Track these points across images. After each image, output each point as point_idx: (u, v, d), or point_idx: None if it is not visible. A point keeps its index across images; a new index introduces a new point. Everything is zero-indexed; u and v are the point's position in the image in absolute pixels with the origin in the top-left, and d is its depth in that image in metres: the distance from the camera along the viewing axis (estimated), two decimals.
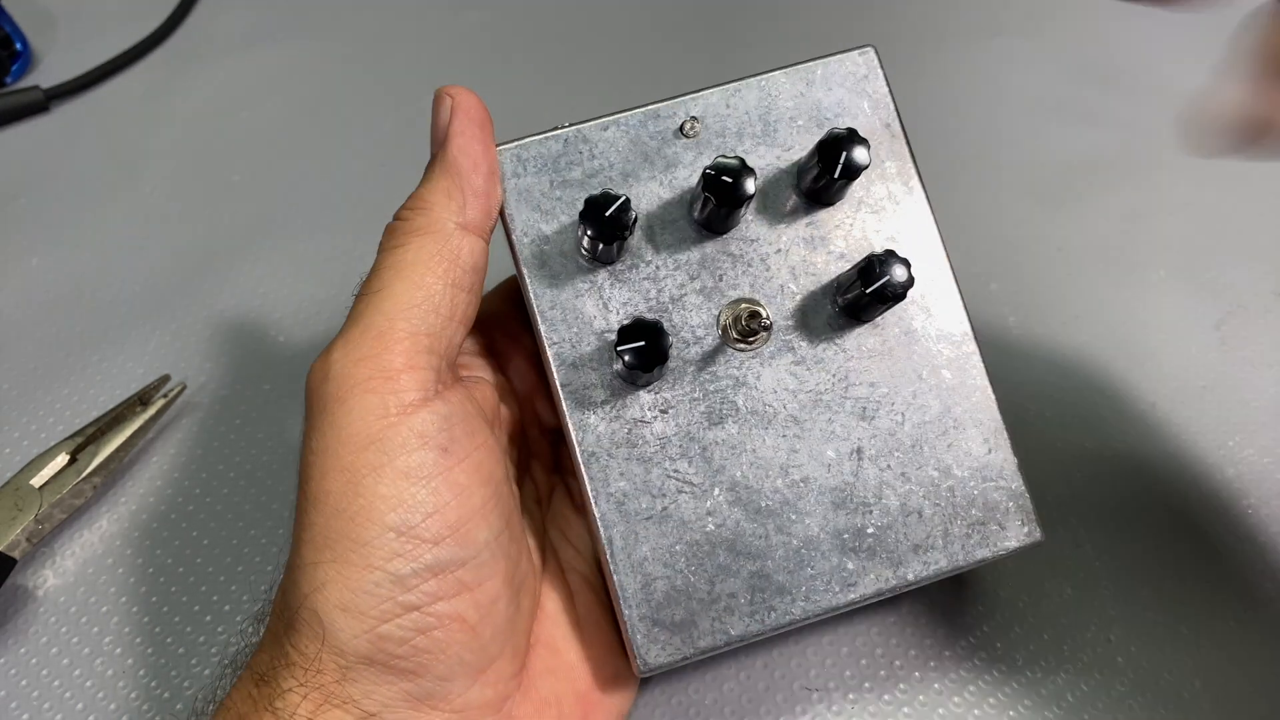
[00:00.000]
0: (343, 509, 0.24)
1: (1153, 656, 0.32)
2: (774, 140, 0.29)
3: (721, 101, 0.30)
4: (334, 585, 0.24)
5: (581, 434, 0.28)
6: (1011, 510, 0.28)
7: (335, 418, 0.24)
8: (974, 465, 0.28)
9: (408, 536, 0.24)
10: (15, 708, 0.33)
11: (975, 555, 0.28)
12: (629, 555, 0.28)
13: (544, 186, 0.29)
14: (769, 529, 0.28)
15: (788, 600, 0.28)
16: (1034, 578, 0.34)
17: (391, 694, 0.24)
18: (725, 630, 0.27)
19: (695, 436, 0.28)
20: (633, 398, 0.28)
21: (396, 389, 0.25)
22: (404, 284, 0.26)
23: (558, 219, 0.29)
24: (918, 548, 0.28)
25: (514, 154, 0.29)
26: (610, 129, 0.29)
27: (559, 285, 0.28)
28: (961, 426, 0.29)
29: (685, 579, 0.28)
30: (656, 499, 0.28)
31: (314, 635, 0.24)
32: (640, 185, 0.29)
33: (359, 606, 0.23)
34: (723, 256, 0.29)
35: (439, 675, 0.24)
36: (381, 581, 0.24)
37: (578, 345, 0.28)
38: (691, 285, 0.29)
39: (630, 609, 0.27)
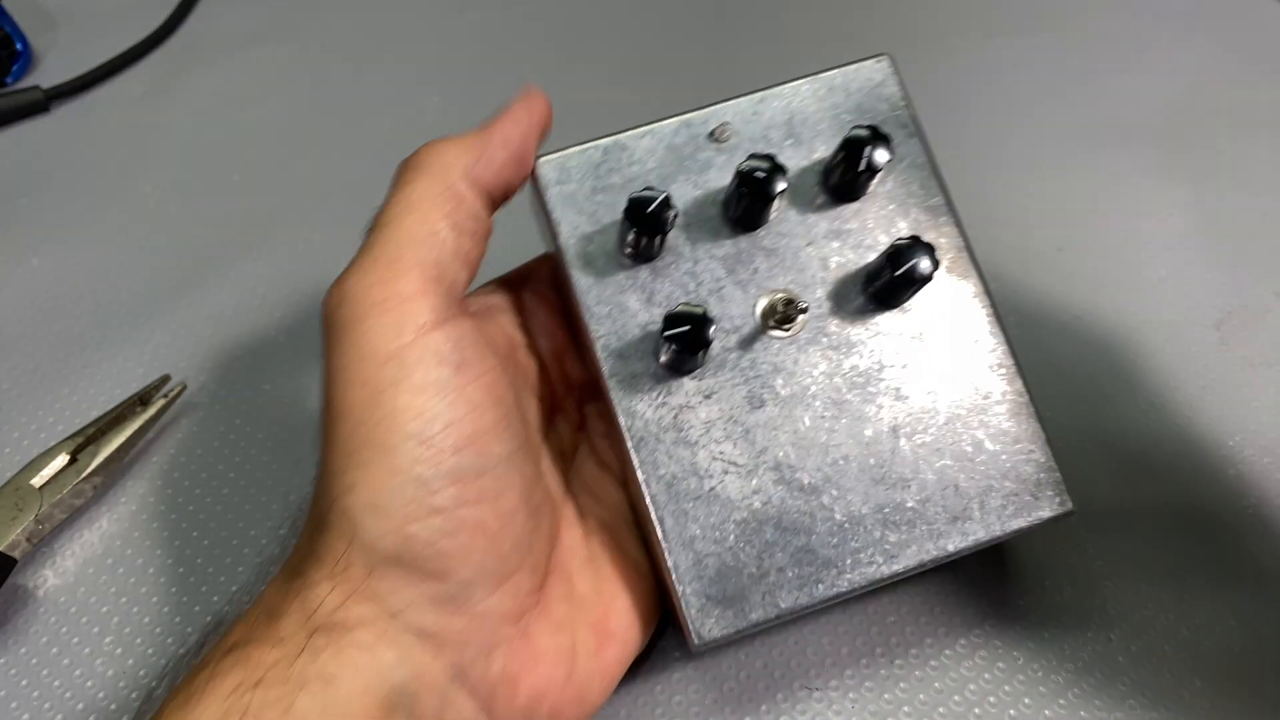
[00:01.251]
0: (365, 419, 0.25)
1: (1153, 656, 0.32)
2: (799, 143, 0.31)
3: (749, 109, 0.32)
4: (362, 487, 0.25)
5: (630, 420, 0.29)
6: (1043, 481, 0.30)
7: (354, 336, 0.26)
8: (1005, 439, 0.30)
9: (428, 444, 0.25)
10: (15, 707, 0.33)
11: (1010, 526, 0.29)
12: (680, 534, 0.29)
13: (586, 192, 0.31)
14: (812, 505, 0.29)
15: (834, 573, 0.29)
16: (1033, 577, 0.34)
17: (415, 594, 0.25)
18: (775, 603, 0.29)
19: (738, 419, 0.30)
20: (677, 385, 0.30)
21: (410, 311, 0.26)
22: (411, 219, 0.27)
23: (600, 221, 0.31)
24: (956, 519, 0.29)
25: (558, 163, 0.31)
26: (646, 137, 0.31)
27: (603, 282, 0.30)
28: (990, 401, 0.30)
29: (735, 555, 0.29)
30: (704, 480, 0.29)
31: (343, 534, 0.25)
32: (676, 188, 0.31)
33: (386, 506, 0.25)
34: (757, 251, 0.31)
35: (461, 579, 0.26)
36: (406, 484, 0.25)
37: (623, 337, 0.30)
38: (729, 278, 0.30)
39: (684, 585, 0.29)
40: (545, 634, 0.28)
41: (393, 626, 0.25)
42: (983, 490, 0.29)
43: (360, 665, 0.24)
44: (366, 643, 0.25)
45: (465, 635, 0.26)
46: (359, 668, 0.24)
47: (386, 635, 0.25)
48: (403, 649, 0.25)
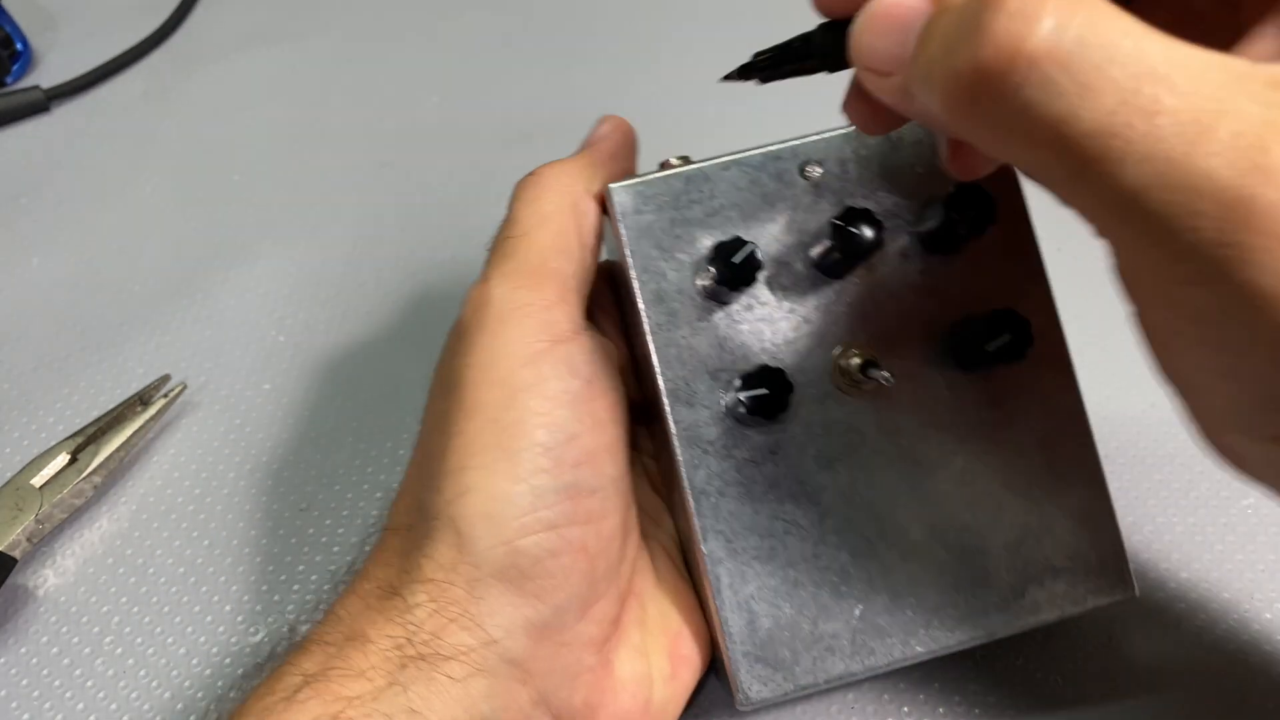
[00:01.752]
0: (498, 419, 0.25)
1: (1153, 656, 0.32)
2: (894, 186, 0.29)
3: (843, 146, 0.30)
4: (479, 492, 0.25)
5: (692, 472, 0.28)
6: (1109, 566, 0.29)
7: (497, 336, 0.26)
8: (1075, 519, 0.29)
9: (551, 454, 0.25)
10: (15, 707, 0.33)
11: (1069, 609, 0.29)
12: (735, 593, 0.28)
13: (664, 224, 0.29)
14: (873, 571, 0.28)
15: (888, 643, 0.28)
16: None
17: (513, 619, 0.25)
18: (826, 670, 0.28)
19: (804, 479, 0.28)
20: (743, 437, 0.28)
21: (551, 319, 0.26)
22: (547, 231, 0.28)
23: (676, 256, 0.29)
24: (1016, 597, 0.28)
25: (637, 191, 0.29)
26: (731, 169, 0.29)
27: (675, 322, 0.29)
28: (1065, 479, 0.29)
29: (789, 618, 0.28)
30: (764, 539, 0.28)
31: (452, 544, 0.25)
32: (759, 226, 0.29)
33: (501, 515, 0.24)
34: (838, 301, 0.29)
35: (556, 604, 0.25)
36: (525, 494, 0.25)
37: (691, 383, 0.28)
38: (805, 329, 0.29)
39: (734, 645, 0.28)
40: (624, 661, 0.28)
41: (489, 656, 0.24)
42: (1047, 569, 0.28)
43: (451, 697, 0.24)
44: (460, 674, 0.24)
45: (552, 663, 0.25)
46: (449, 700, 0.24)
47: (482, 666, 0.24)
48: (495, 679, 0.24)
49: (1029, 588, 0.28)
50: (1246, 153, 0.15)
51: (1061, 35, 0.16)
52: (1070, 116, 0.16)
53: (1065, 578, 0.29)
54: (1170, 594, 0.34)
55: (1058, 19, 0.16)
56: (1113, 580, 0.29)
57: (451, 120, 0.51)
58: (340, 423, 0.40)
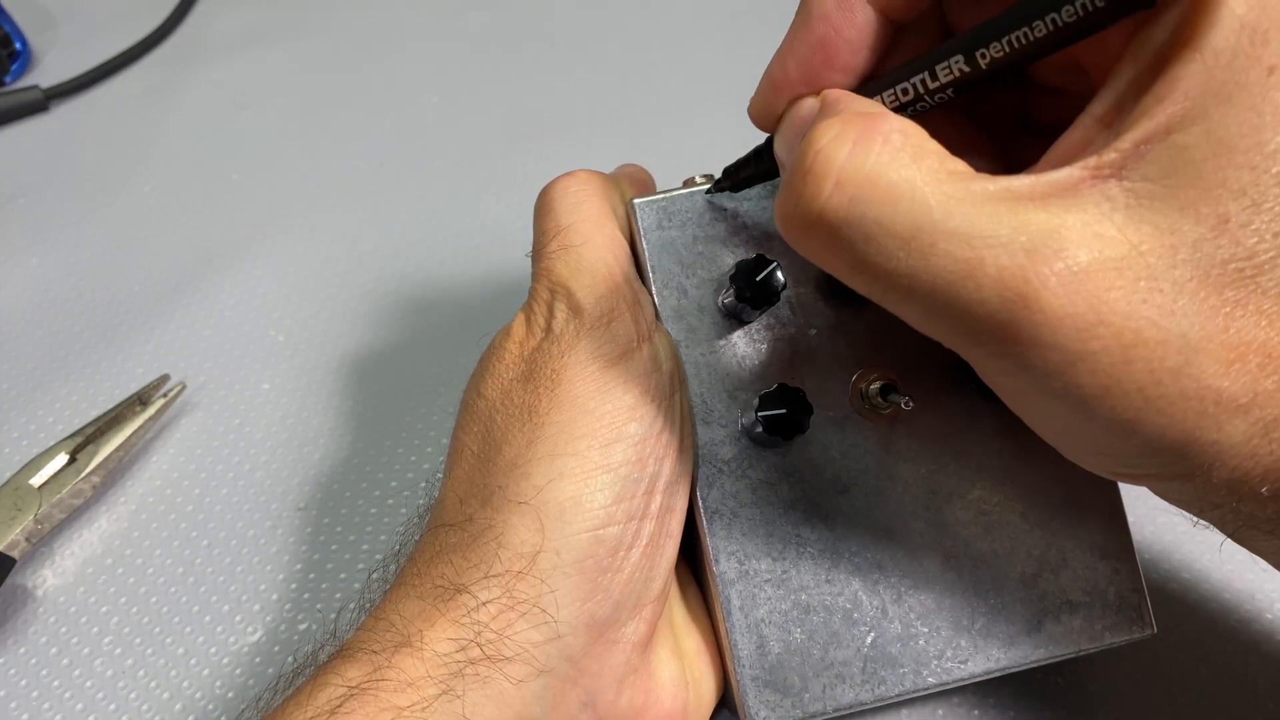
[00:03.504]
0: (592, 410, 0.26)
1: (1152, 658, 0.32)
2: None
3: None
4: (571, 478, 0.25)
5: (707, 491, 0.28)
6: (1128, 603, 0.28)
7: (593, 339, 0.27)
8: (1094, 554, 0.28)
9: (639, 447, 0.26)
10: (15, 708, 0.33)
11: (1085, 645, 0.28)
12: (746, 616, 0.28)
13: (686, 240, 0.29)
14: (886, 600, 0.28)
15: (899, 673, 0.28)
16: None
17: (579, 614, 0.25)
18: (835, 698, 0.27)
19: (819, 503, 0.28)
20: (759, 458, 0.28)
21: (636, 318, 0.27)
22: (603, 237, 0.29)
23: (698, 273, 0.29)
24: (1030, 631, 0.28)
25: (660, 207, 0.29)
26: (758, 185, 0.29)
27: (695, 340, 0.29)
28: (1084, 513, 0.29)
29: (799, 643, 0.28)
30: (777, 562, 0.28)
31: (534, 529, 0.25)
32: (781, 245, 0.29)
33: (590, 503, 0.25)
34: (858, 323, 0.29)
35: (618, 599, 0.25)
36: (613, 483, 0.25)
37: (709, 400, 0.28)
38: (825, 350, 0.29)
39: (743, 669, 0.27)
40: (663, 663, 0.28)
41: (551, 653, 0.24)
42: (1063, 604, 0.28)
43: (504, 700, 0.23)
44: (519, 675, 0.24)
45: (603, 662, 0.25)
46: (501, 703, 0.23)
47: (543, 664, 0.24)
48: (550, 679, 0.24)
49: (1045, 621, 0.28)
50: (1010, 284, 0.18)
51: (842, 198, 0.19)
52: (862, 264, 0.19)
53: (1083, 613, 0.28)
54: (1170, 595, 0.34)
55: (837, 184, 0.19)
56: (1131, 617, 0.28)
57: (451, 120, 0.51)
58: (340, 423, 0.40)
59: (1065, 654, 0.28)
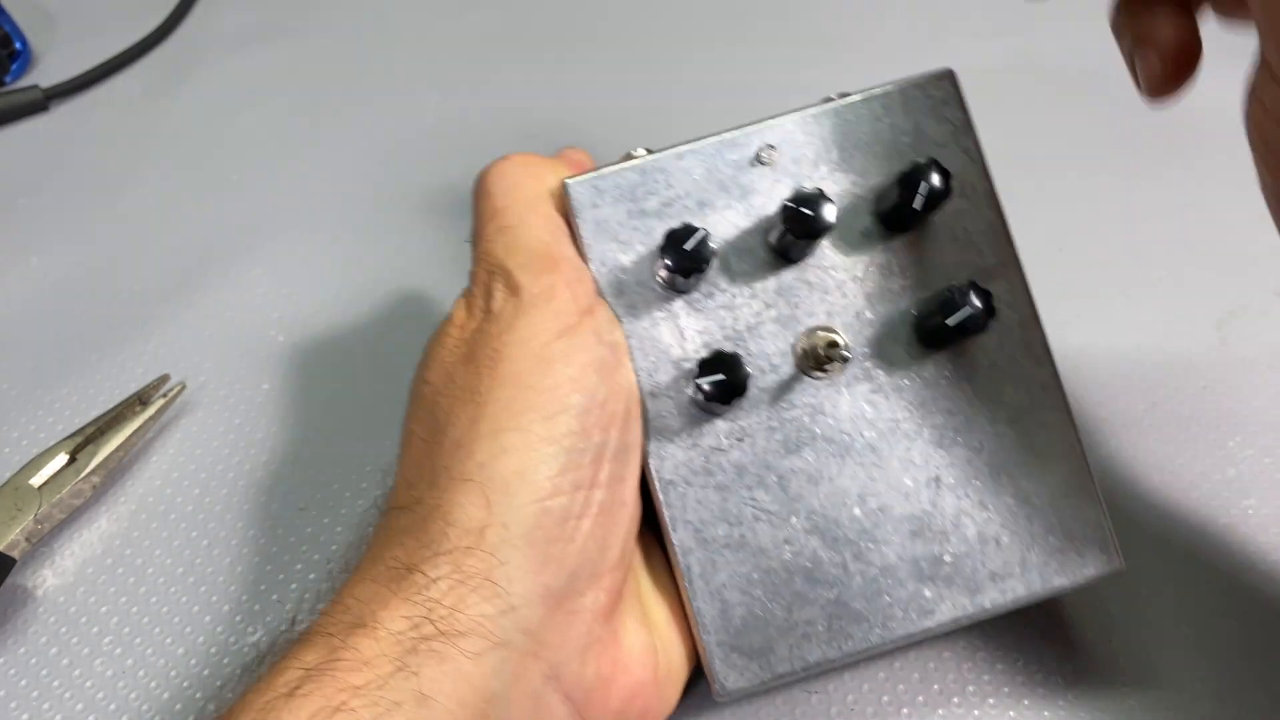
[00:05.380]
0: (533, 384, 0.26)
1: (1154, 656, 0.32)
2: (850, 167, 0.29)
3: (797, 128, 0.30)
4: (515, 452, 0.25)
5: (659, 462, 0.28)
6: (1092, 538, 0.28)
7: (531, 317, 0.27)
8: (1053, 493, 0.28)
9: (583, 418, 0.26)
10: (15, 708, 0.33)
11: (1053, 584, 0.28)
12: (707, 582, 0.28)
13: (620, 217, 0.29)
14: (846, 557, 0.28)
15: (865, 627, 0.28)
16: None
17: (532, 586, 0.25)
18: (803, 656, 0.28)
19: (772, 465, 0.28)
20: (709, 426, 0.28)
21: (576, 294, 0.28)
22: (538, 216, 0.29)
23: (635, 248, 0.29)
24: (995, 576, 0.28)
25: (591, 184, 0.29)
26: (686, 158, 0.29)
27: (636, 314, 0.29)
28: (1040, 454, 0.29)
29: (763, 606, 0.28)
30: (734, 527, 0.28)
31: (481, 505, 0.25)
32: (716, 214, 0.29)
33: (535, 475, 0.25)
34: (799, 284, 0.29)
35: (572, 569, 0.26)
36: (558, 454, 0.26)
37: (654, 374, 0.29)
38: (767, 313, 0.29)
39: (709, 635, 0.28)
40: (630, 632, 0.28)
41: (506, 625, 0.24)
42: (1025, 546, 0.28)
43: (462, 675, 0.23)
44: (475, 649, 0.24)
45: (565, 634, 0.26)
46: (459, 678, 0.23)
47: (499, 637, 0.24)
48: (509, 652, 0.24)
49: (1010, 565, 0.28)
50: None
51: None
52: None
53: (1047, 553, 0.28)
54: (1171, 595, 0.34)
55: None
56: (1098, 554, 0.28)
57: (451, 120, 0.51)
58: (340, 423, 0.40)
59: (1033, 596, 0.28)
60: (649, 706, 0.28)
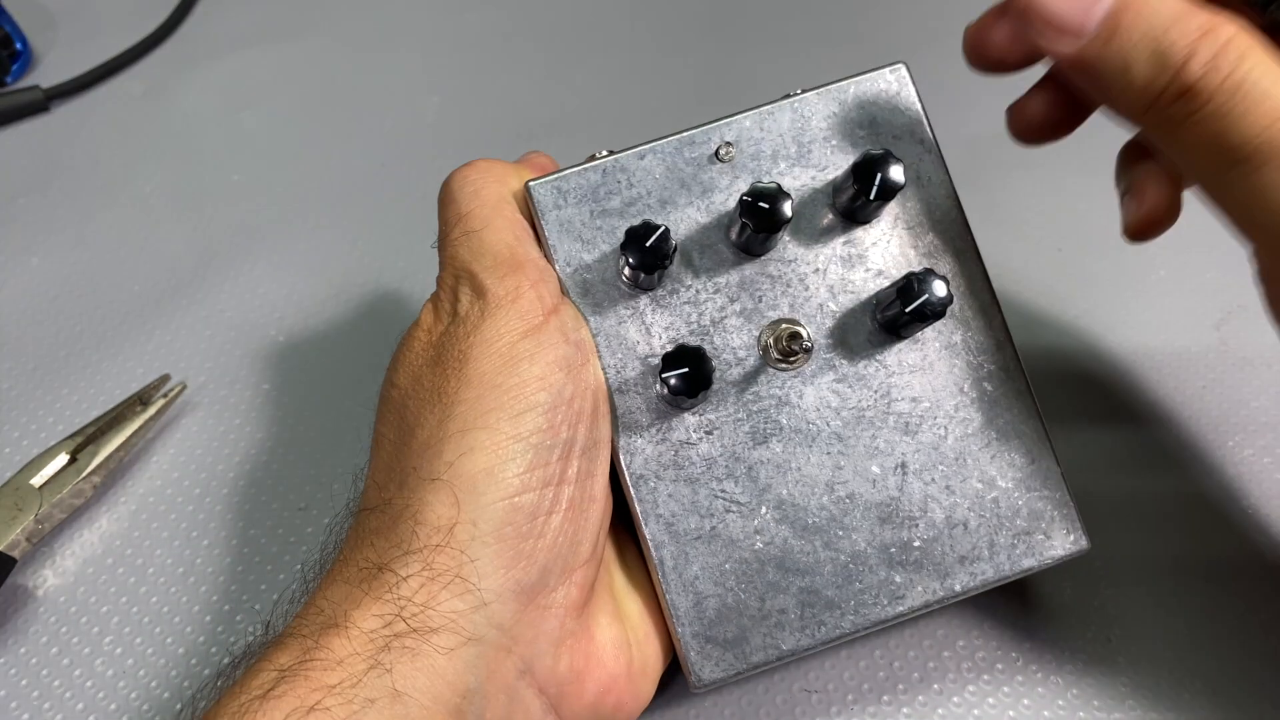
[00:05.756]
0: (498, 384, 0.26)
1: (1153, 656, 0.32)
2: (808, 161, 0.30)
3: (755, 125, 0.30)
4: (482, 450, 0.26)
5: (629, 457, 0.29)
6: (1057, 519, 0.29)
7: (497, 318, 0.27)
8: (1018, 475, 0.29)
9: (550, 414, 0.26)
10: (15, 707, 0.33)
11: (1021, 565, 0.29)
12: (680, 575, 0.28)
13: (584, 217, 0.30)
14: (816, 545, 0.28)
15: (837, 614, 0.28)
16: (1033, 578, 0.34)
17: (503, 582, 0.25)
18: (777, 645, 0.28)
19: (740, 456, 0.29)
20: (678, 420, 0.29)
21: (541, 294, 0.28)
22: (503, 219, 0.29)
23: (599, 248, 0.30)
24: (964, 559, 0.29)
25: (554, 186, 0.30)
26: (647, 157, 0.30)
27: (602, 313, 0.29)
28: (1005, 437, 0.29)
29: (736, 596, 0.28)
30: (705, 519, 0.29)
31: (449, 503, 0.25)
32: (678, 211, 0.30)
33: (503, 472, 0.25)
34: (761, 278, 0.29)
35: (544, 564, 0.26)
36: (525, 451, 0.26)
37: (622, 371, 0.29)
38: (731, 307, 0.29)
39: (683, 627, 0.28)
40: (603, 626, 0.28)
41: (478, 621, 0.25)
42: (993, 529, 0.29)
43: (436, 671, 0.24)
44: (448, 644, 0.24)
45: (537, 629, 0.26)
46: (433, 674, 0.24)
47: (471, 633, 0.24)
48: (482, 648, 0.24)
49: (979, 548, 0.29)
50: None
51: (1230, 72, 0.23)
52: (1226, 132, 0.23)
53: (1015, 536, 0.29)
54: (1171, 595, 0.34)
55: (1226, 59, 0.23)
56: (1063, 534, 0.29)
57: (451, 120, 0.51)
58: (340, 423, 0.40)
59: (1003, 578, 0.29)
60: (623, 700, 0.28)
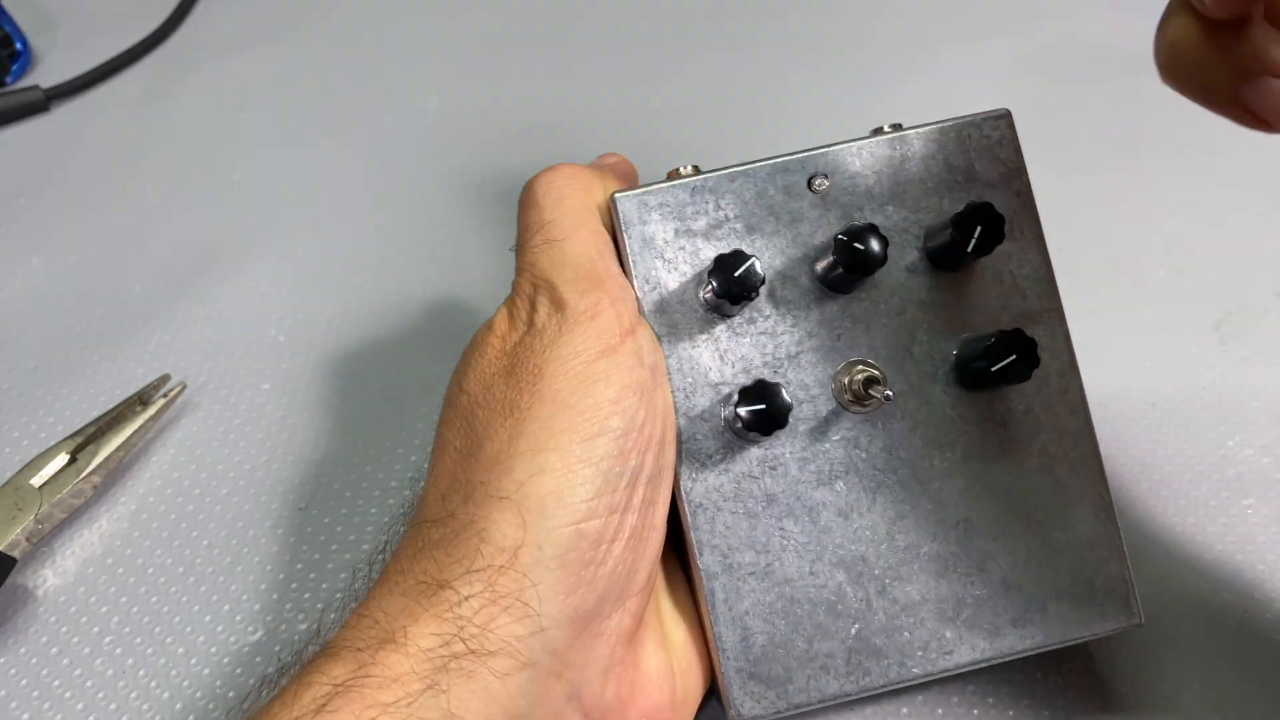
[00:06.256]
0: (573, 404, 0.26)
1: (1153, 657, 0.32)
2: (902, 201, 0.29)
3: (851, 159, 0.29)
4: (553, 472, 0.25)
5: (690, 485, 0.28)
6: (1115, 593, 0.29)
7: (574, 335, 0.27)
8: (1079, 543, 0.29)
9: (621, 440, 0.26)
10: (15, 707, 0.33)
11: (1072, 635, 0.28)
12: (730, 609, 0.28)
13: (668, 235, 0.29)
14: (870, 592, 0.28)
15: (884, 664, 0.28)
16: None
17: (562, 608, 0.25)
18: (820, 689, 0.28)
19: (803, 495, 0.28)
20: (743, 452, 0.28)
21: (620, 313, 0.27)
22: (587, 231, 0.28)
23: (679, 268, 0.29)
24: (1016, 622, 0.28)
25: (639, 200, 0.29)
26: (737, 180, 0.29)
27: (676, 335, 0.29)
28: (1071, 504, 0.29)
29: (784, 635, 0.28)
30: (760, 555, 0.28)
31: (516, 524, 0.25)
32: (763, 239, 0.29)
33: (572, 497, 0.25)
34: (843, 317, 0.29)
35: (601, 592, 0.25)
36: (595, 477, 0.25)
37: (691, 396, 0.29)
38: (809, 343, 0.29)
39: (728, 661, 0.28)
40: (650, 655, 0.28)
41: (535, 646, 0.24)
42: (1049, 594, 0.28)
43: (490, 694, 0.23)
44: (504, 669, 0.24)
45: (588, 655, 0.25)
46: (488, 698, 0.23)
47: (527, 658, 0.24)
48: (535, 673, 0.24)
49: (1031, 612, 0.28)
50: None
51: None
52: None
53: (1069, 603, 0.28)
54: (1170, 595, 0.34)
55: None
56: (1118, 608, 0.29)
57: (451, 120, 0.51)
58: (340, 422, 0.40)
59: (1051, 644, 0.28)
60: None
